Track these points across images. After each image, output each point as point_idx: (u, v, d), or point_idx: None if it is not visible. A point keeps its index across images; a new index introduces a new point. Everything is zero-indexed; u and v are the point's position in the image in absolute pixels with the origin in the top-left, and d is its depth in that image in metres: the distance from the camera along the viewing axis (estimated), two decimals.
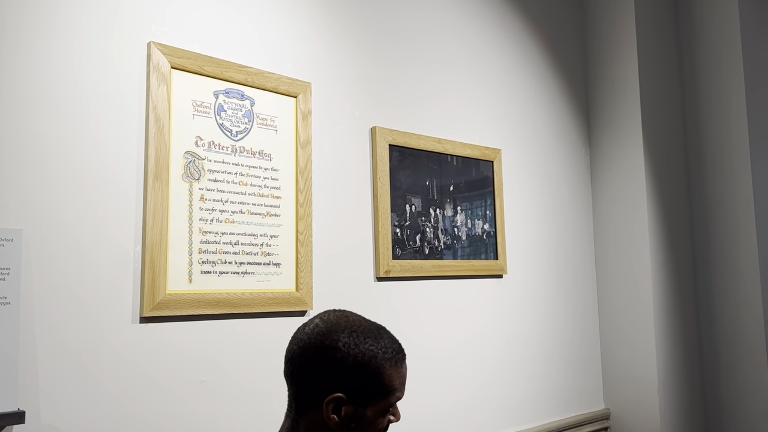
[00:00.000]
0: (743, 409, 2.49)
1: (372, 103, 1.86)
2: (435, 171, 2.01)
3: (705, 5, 2.70)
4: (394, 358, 1.10)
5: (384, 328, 1.14)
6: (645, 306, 2.42)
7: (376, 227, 1.81)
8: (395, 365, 1.10)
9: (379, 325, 1.14)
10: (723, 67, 2.63)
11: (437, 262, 1.97)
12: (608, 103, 2.59)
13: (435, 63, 2.07)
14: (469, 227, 2.10)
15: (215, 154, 1.48)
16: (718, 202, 2.62)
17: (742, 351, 2.51)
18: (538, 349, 2.30)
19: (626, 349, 2.46)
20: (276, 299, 1.54)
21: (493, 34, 2.30)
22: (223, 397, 1.46)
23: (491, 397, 2.10)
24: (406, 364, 1.13)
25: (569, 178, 2.55)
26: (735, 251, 2.55)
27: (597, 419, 2.46)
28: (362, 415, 1.07)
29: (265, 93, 1.58)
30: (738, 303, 2.54)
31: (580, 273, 2.53)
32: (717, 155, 2.63)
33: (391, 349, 1.11)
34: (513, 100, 2.34)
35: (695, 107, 2.71)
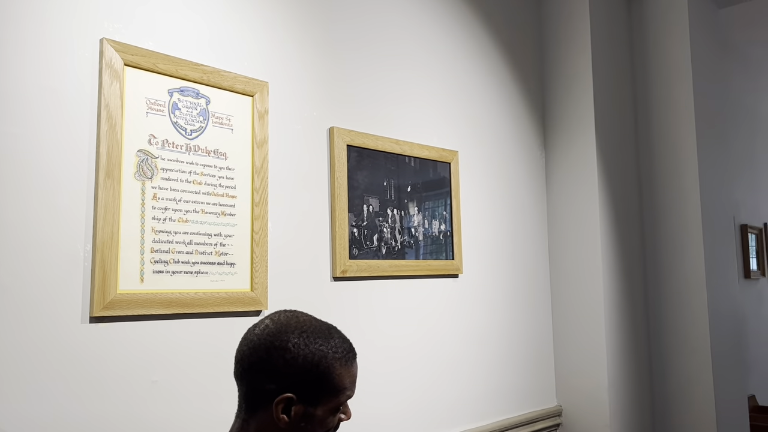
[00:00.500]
0: (688, 404, 2.58)
1: (330, 103, 1.87)
2: (393, 172, 2.03)
3: (657, 13, 2.78)
4: (345, 358, 1.12)
5: (335, 328, 1.16)
6: (596, 306, 2.48)
7: (333, 227, 1.82)
8: (345, 364, 1.12)
9: (329, 325, 1.16)
10: (673, 74, 2.72)
11: (394, 262, 1.99)
12: (563, 107, 2.65)
13: (394, 65, 2.09)
14: (426, 227, 2.12)
15: (169, 153, 1.47)
16: (667, 205, 2.70)
17: (687, 349, 2.60)
18: (492, 348, 2.34)
19: (578, 348, 2.53)
20: (230, 299, 1.53)
21: (452, 37, 2.33)
22: (175, 397, 1.45)
23: (446, 395, 2.13)
24: (356, 363, 1.15)
25: (525, 180, 2.59)
26: (682, 253, 2.64)
27: (549, 416, 2.52)
28: (312, 414, 1.08)
29: (221, 92, 1.58)
30: (684, 303, 2.63)
31: (534, 273, 2.58)
32: (666, 160, 2.72)
33: (342, 349, 1.12)
34: (471, 102, 2.38)
35: (647, 113, 2.79)
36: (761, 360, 4.33)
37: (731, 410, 2.67)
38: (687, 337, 2.61)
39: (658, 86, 2.76)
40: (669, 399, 2.64)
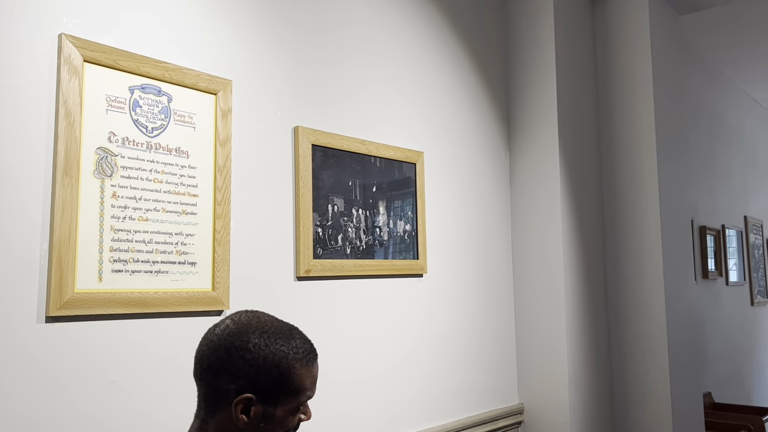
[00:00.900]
0: (646, 401, 2.65)
1: (295, 102, 1.87)
2: (358, 172, 2.03)
3: (619, 18, 2.84)
4: (305, 358, 1.12)
5: (296, 329, 1.16)
6: (557, 305, 2.53)
7: (297, 227, 1.82)
8: (306, 365, 1.12)
9: (291, 326, 1.16)
10: (634, 78, 2.78)
11: (359, 261, 1.99)
12: (528, 109, 2.68)
13: (360, 65, 2.10)
14: (391, 227, 2.14)
15: (129, 151, 1.45)
16: (627, 207, 2.76)
17: (645, 348, 2.67)
18: (456, 347, 2.36)
19: (539, 347, 2.57)
20: (191, 299, 1.52)
21: (418, 37, 2.35)
22: (133, 397, 1.43)
23: (411, 394, 2.15)
24: (317, 363, 1.16)
25: (489, 181, 2.63)
26: (641, 254, 2.70)
27: (512, 413, 2.56)
28: (272, 414, 1.08)
29: (184, 89, 1.56)
30: (643, 303, 2.69)
31: (497, 273, 2.61)
32: (627, 162, 2.78)
33: (303, 349, 1.13)
34: (437, 103, 2.40)
35: (608, 116, 2.85)
36: (718, 358, 4.45)
37: (687, 407, 2.74)
38: (645, 336, 2.67)
39: (620, 90, 2.82)
40: (627, 396, 2.70)
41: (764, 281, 5.55)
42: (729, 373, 4.60)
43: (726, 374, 4.54)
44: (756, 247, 5.41)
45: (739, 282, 4.98)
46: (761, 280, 5.47)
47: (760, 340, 5.34)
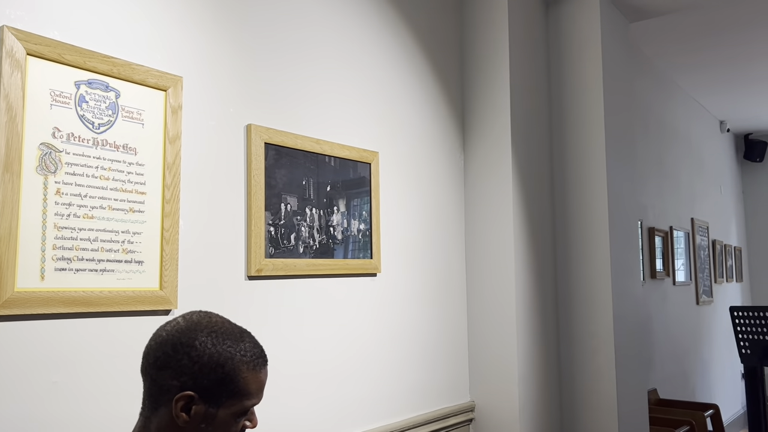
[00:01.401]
0: (593, 398, 2.72)
1: (248, 100, 1.86)
2: (312, 171, 2.03)
3: (572, 23, 2.90)
4: (253, 362, 1.12)
5: (248, 333, 1.15)
6: (508, 304, 2.57)
7: (249, 225, 1.81)
8: (253, 369, 1.11)
9: (243, 329, 1.15)
10: (585, 82, 2.84)
11: (312, 261, 1.99)
12: (482, 110, 2.72)
13: (315, 63, 2.09)
14: (345, 227, 2.14)
15: (74, 147, 1.42)
16: (577, 209, 2.83)
17: (593, 346, 2.74)
18: (409, 346, 2.39)
19: (491, 345, 2.61)
20: (137, 298, 1.50)
21: (374, 38, 2.35)
22: (77, 398, 1.41)
23: (363, 393, 2.16)
24: (266, 370, 1.15)
25: (444, 181, 2.65)
26: (590, 255, 2.77)
27: (463, 411, 2.59)
28: (213, 415, 1.08)
29: (132, 85, 1.54)
30: (591, 303, 2.76)
31: (451, 273, 2.64)
32: (578, 165, 2.84)
33: (251, 353, 1.12)
34: (392, 104, 2.41)
35: (560, 119, 2.91)
36: (664, 356, 4.60)
37: (632, 403, 2.82)
38: (593, 334, 2.74)
39: (572, 93, 2.88)
40: (576, 393, 2.77)
41: (709, 281, 5.75)
42: (674, 370, 4.76)
43: (672, 371, 4.69)
44: (702, 248, 5.60)
45: (686, 282, 5.15)
46: (706, 280, 5.67)
47: (704, 338, 5.53)
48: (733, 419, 6.02)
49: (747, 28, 4.16)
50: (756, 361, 4.15)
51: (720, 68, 4.95)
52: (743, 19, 4.02)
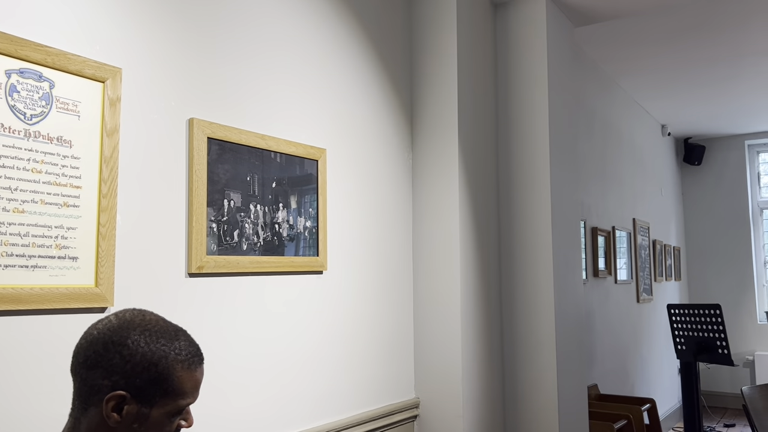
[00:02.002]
0: (535, 394, 2.78)
1: (191, 94, 1.82)
2: (257, 167, 2.01)
3: (519, 25, 2.95)
4: (188, 361, 1.10)
5: (183, 331, 1.13)
6: (453, 302, 2.60)
7: (191, 222, 1.77)
8: (188, 368, 1.10)
9: (178, 328, 1.13)
10: (531, 84, 2.90)
11: (255, 258, 1.97)
12: (430, 110, 2.74)
13: (262, 58, 2.07)
14: (291, 224, 2.13)
15: (4, 138, 1.37)
16: (521, 209, 2.88)
17: (535, 343, 2.80)
18: (355, 343, 2.39)
19: (436, 342, 2.64)
20: (71, 295, 1.46)
21: (323, 36, 2.34)
22: (6, 397, 1.35)
23: (307, 391, 2.15)
24: (202, 368, 1.13)
25: (392, 180, 2.67)
26: (533, 254, 2.83)
27: (408, 408, 2.61)
28: (146, 415, 1.06)
29: (68, 76, 1.49)
30: (534, 300, 2.82)
31: (398, 271, 2.66)
32: (523, 166, 2.90)
33: (186, 352, 1.10)
34: (341, 102, 2.41)
35: (506, 120, 2.96)
36: (606, 352, 4.73)
37: (572, 398, 2.90)
38: (535, 332, 2.80)
39: (518, 95, 2.93)
40: (518, 389, 2.83)
41: (649, 280, 5.95)
42: (615, 365, 4.90)
43: (612, 367, 4.84)
44: (643, 247, 5.79)
45: (627, 280, 5.31)
46: (647, 279, 5.86)
47: (644, 335, 5.72)
48: (670, 412, 6.25)
49: (688, 36, 4.32)
50: (691, 356, 4.31)
51: (662, 74, 5.12)
52: (684, 27, 4.17)
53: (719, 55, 4.67)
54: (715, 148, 7.45)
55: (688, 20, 4.06)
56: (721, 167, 7.40)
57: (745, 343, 7.14)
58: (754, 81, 5.29)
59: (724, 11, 3.93)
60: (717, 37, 4.34)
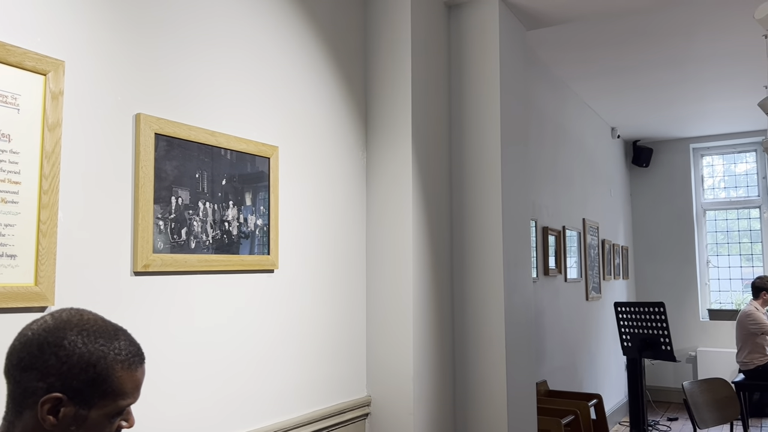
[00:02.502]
0: (485, 391, 2.82)
1: (139, 89, 1.79)
2: (207, 164, 1.98)
3: (472, 28, 2.99)
4: (128, 361, 1.08)
5: (123, 331, 1.12)
6: (405, 301, 2.62)
7: (136, 219, 1.74)
8: (128, 368, 1.08)
9: (118, 327, 1.12)
10: (483, 86, 2.94)
11: (204, 256, 1.95)
12: (384, 110, 2.76)
13: (213, 53, 2.04)
14: (242, 222, 2.11)
15: None
16: (473, 209, 2.92)
17: (485, 341, 2.84)
18: (306, 342, 2.38)
19: (388, 341, 2.65)
20: (9, 294, 1.41)
21: (276, 33, 2.33)
22: None
23: (257, 391, 2.14)
24: (143, 368, 1.12)
25: (346, 179, 2.67)
26: (484, 253, 2.87)
27: (359, 406, 2.62)
28: (84, 417, 1.03)
29: (7, 68, 1.44)
30: (485, 298, 2.86)
31: (351, 270, 2.66)
32: (475, 167, 2.93)
33: (126, 352, 1.08)
34: (294, 99, 2.39)
35: (460, 120, 3.00)
36: (555, 349, 4.84)
37: (521, 395, 2.95)
38: (485, 329, 2.85)
39: (471, 95, 2.97)
40: (468, 386, 2.87)
41: (598, 278, 6.10)
42: (564, 362, 5.02)
43: (561, 363, 4.95)
44: (592, 247, 5.94)
45: (577, 279, 5.44)
46: (596, 277, 6.01)
47: (592, 333, 5.87)
48: (618, 407, 6.43)
49: (637, 41, 4.45)
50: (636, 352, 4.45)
51: (612, 77, 5.25)
52: (633, 33, 4.30)
53: (666, 60, 4.83)
54: (662, 151, 7.69)
55: (636, 26, 4.18)
56: (667, 169, 7.65)
57: (688, 340, 7.39)
58: (699, 86, 5.49)
59: (670, 18, 4.06)
60: (664, 43, 4.48)
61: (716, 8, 3.92)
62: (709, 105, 6.10)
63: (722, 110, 6.29)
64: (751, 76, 5.22)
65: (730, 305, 7.41)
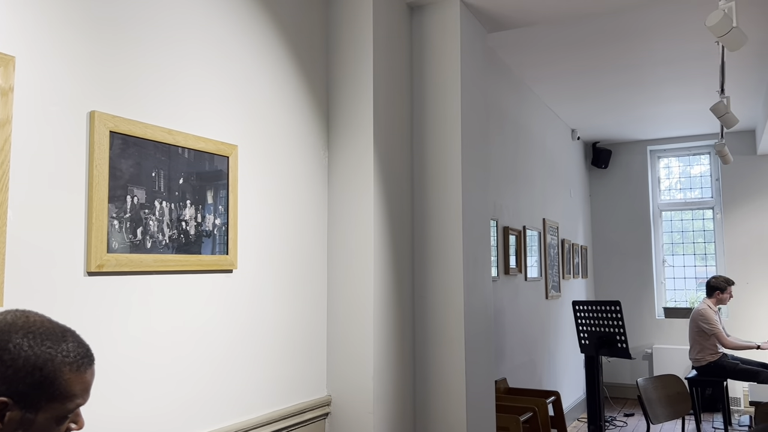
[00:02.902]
0: (444, 389, 2.85)
1: (92, 85, 1.75)
2: (164, 162, 1.96)
3: (434, 29, 3.01)
4: (77, 363, 1.07)
5: (71, 332, 1.10)
6: (366, 300, 2.63)
7: (90, 218, 1.71)
8: (77, 370, 1.07)
9: (66, 328, 1.10)
10: (444, 87, 2.97)
11: (160, 256, 1.92)
12: (346, 109, 2.76)
13: (171, 50, 2.02)
14: (199, 221, 2.09)
15: None
16: (434, 208, 2.95)
17: (445, 340, 2.87)
18: (266, 342, 2.37)
19: (349, 340, 2.66)
20: None
21: (237, 30, 2.31)
22: None
23: (215, 391, 2.12)
24: (92, 370, 1.10)
25: (307, 179, 2.66)
26: (444, 253, 2.90)
27: (319, 405, 2.62)
28: (31, 420, 1.02)
29: None
30: (445, 297, 2.89)
31: (312, 269, 2.66)
32: (435, 167, 2.96)
33: (75, 354, 1.07)
34: (254, 98, 2.38)
35: (421, 121, 3.02)
36: (515, 347, 4.91)
37: (480, 392, 2.99)
38: (445, 328, 2.88)
39: (432, 96, 3.00)
40: (428, 384, 2.89)
41: (558, 277, 6.21)
42: (524, 360, 5.10)
43: (521, 361, 5.02)
44: (552, 246, 6.04)
45: (537, 278, 5.53)
46: (555, 276, 6.12)
47: (552, 331, 5.98)
48: (576, 404, 6.56)
49: (596, 45, 4.54)
50: (593, 350, 4.54)
51: (572, 80, 5.35)
52: (592, 36, 4.38)
53: (624, 64, 4.94)
54: (620, 153, 7.86)
55: (596, 30, 4.27)
56: (625, 171, 7.82)
57: (644, 337, 7.58)
58: (655, 89, 5.63)
59: (626, 22, 4.16)
60: (622, 48, 4.59)
61: (673, 14, 4.03)
62: (665, 108, 6.26)
63: (678, 113, 6.47)
64: (705, 81, 5.38)
65: (685, 303, 7.63)
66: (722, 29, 2.79)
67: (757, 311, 7.02)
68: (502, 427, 3.52)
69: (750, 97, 5.86)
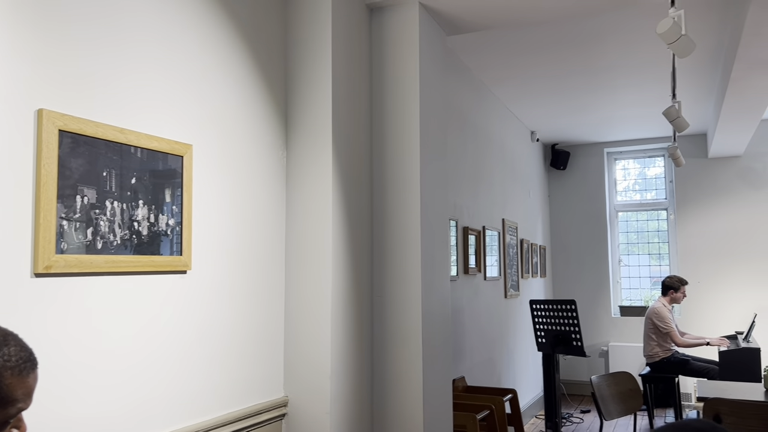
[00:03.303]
0: (402, 388, 2.87)
1: (40, 83, 1.72)
2: (115, 162, 1.93)
3: (393, 30, 3.03)
4: (18, 367, 1.05)
5: (13, 335, 1.08)
6: (324, 300, 2.64)
7: (37, 219, 1.67)
8: (19, 374, 1.05)
9: (7, 332, 1.08)
10: (403, 89, 2.99)
11: (112, 257, 1.89)
12: (304, 109, 2.76)
13: (123, 47, 1.99)
14: (152, 222, 2.06)
15: None
16: (393, 209, 2.97)
17: (403, 339, 2.89)
18: (221, 344, 2.35)
19: (306, 341, 2.66)
20: None
21: (193, 28, 2.28)
22: None
23: (168, 393, 2.10)
24: (35, 374, 1.09)
25: (265, 179, 2.65)
26: (403, 252, 2.92)
27: (276, 406, 2.61)
28: None
29: None
30: (403, 297, 2.91)
31: (269, 270, 2.65)
32: (395, 168, 2.98)
33: (17, 357, 1.06)
34: (210, 97, 2.36)
35: (380, 121, 3.03)
36: (474, 345, 4.97)
37: (437, 391, 3.02)
38: (403, 327, 2.90)
39: (391, 97, 3.01)
40: (385, 384, 2.91)
41: (517, 277, 6.31)
42: (483, 358, 5.16)
43: (480, 359, 5.08)
44: (511, 246, 6.13)
45: (496, 277, 5.60)
46: (514, 276, 6.21)
47: (510, 329, 6.06)
48: (535, 401, 6.67)
49: (553, 49, 4.63)
50: (549, 348, 4.63)
51: (531, 83, 5.44)
52: (550, 41, 4.47)
53: (581, 68, 5.04)
54: (578, 155, 8.02)
55: (554, 34, 4.35)
56: (583, 172, 7.99)
57: (601, 335, 7.75)
58: (611, 93, 5.76)
59: (582, 28, 4.25)
60: (579, 52, 4.69)
61: (627, 21, 4.13)
62: (621, 111, 6.41)
63: (633, 117, 6.63)
64: (658, 85, 5.53)
65: (640, 302, 7.83)
66: (672, 36, 2.88)
67: (707, 309, 7.25)
68: (459, 426, 3.57)
69: (701, 101, 6.05)
